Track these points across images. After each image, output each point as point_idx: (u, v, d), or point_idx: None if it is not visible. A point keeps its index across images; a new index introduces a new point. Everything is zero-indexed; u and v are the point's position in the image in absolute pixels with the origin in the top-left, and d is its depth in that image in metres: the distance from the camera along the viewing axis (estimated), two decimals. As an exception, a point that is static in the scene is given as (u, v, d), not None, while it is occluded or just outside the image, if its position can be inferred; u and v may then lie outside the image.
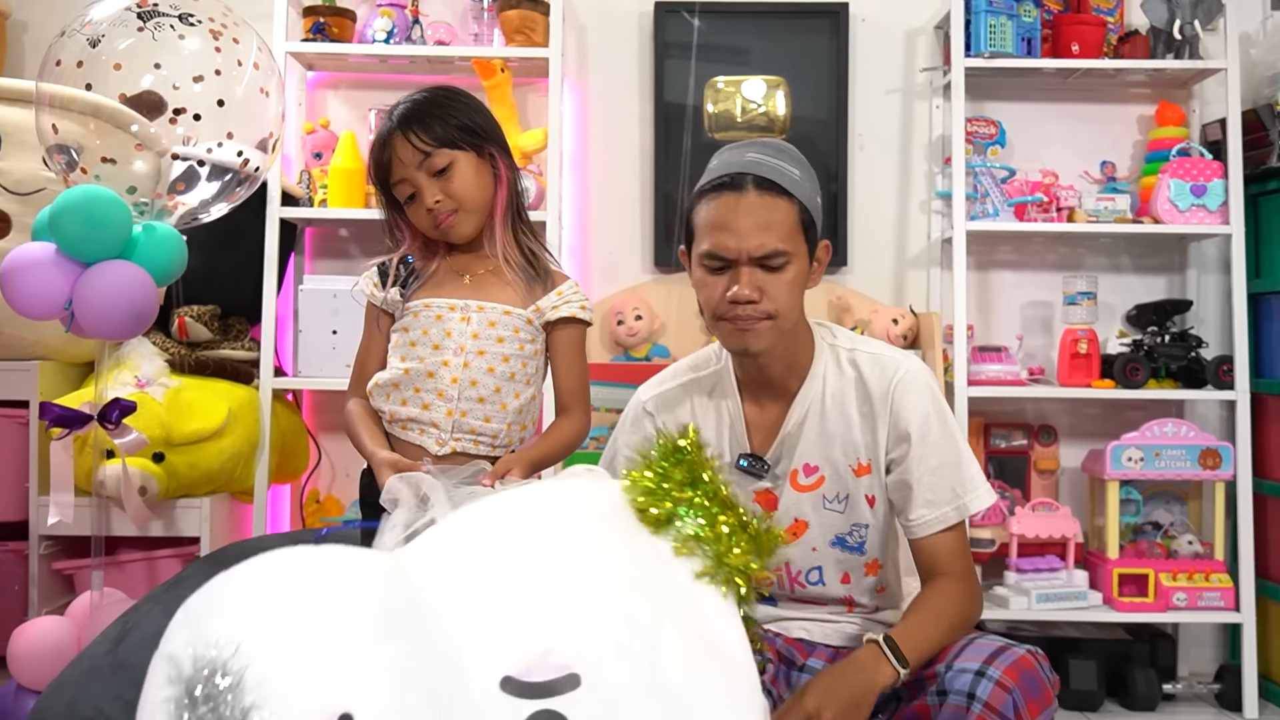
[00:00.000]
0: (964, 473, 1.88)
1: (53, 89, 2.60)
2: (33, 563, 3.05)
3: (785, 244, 1.82)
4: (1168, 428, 3.29)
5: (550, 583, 1.26)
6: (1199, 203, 3.35)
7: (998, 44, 3.39)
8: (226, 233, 3.11)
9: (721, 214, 1.82)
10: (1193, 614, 3.27)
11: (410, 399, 1.93)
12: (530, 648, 1.22)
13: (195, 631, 1.17)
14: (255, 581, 1.22)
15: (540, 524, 1.34)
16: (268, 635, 1.16)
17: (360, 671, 1.15)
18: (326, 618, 1.18)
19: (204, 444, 3.01)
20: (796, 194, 1.84)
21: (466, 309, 1.95)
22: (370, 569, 1.25)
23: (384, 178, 1.97)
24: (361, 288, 2.05)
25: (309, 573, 1.23)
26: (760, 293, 1.82)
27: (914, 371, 1.92)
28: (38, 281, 2.48)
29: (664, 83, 3.60)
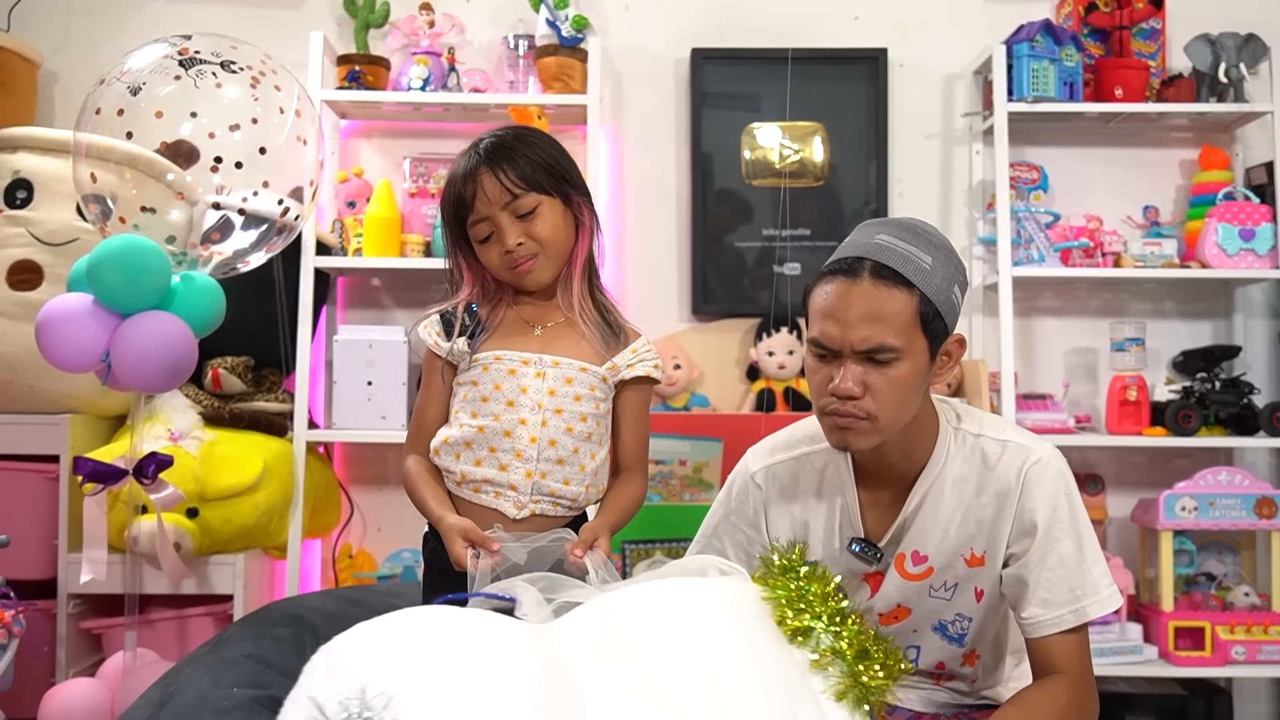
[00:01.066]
0: (1087, 575, 1.74)
1: (90, 138, 2.57)
2: (61, 622, 2.99)
3: (895, 339, 1.67)
4: (1221, 476, 3.21)
5: (700, 681, 1.27)
6: (1248, 247, 3.30)
7: (1040, 88, 3.34)
8: (259, 282, 3.07)
9: (831, 302, 1.70)
10: (1252, 668, 3.18)
11: (485, 459, 1.84)
12: None
13: (342, 677, 1.19)
14: (406, 634, 1.25)
15: (691, 621, 1.34)
16: (419, 691, 1.17)
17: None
18: (480, 680, 1.19)
19: (238, 499, 2.95)
20: (919, 283, 1.68)
21: (541, 364, 1.86)
22: (523, 637, 1.27)
23: (462, 214, 1.88)
24: (423, 336, 1.94)
25: (461, 633, 1.25)
26: (864, 388, 1.68)
27: (1046, 460, 1.77)
28: (75, 333, 2.45)
29: (701, 129, 3.56)
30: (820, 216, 3.55)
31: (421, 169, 3.45)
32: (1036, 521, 1.73)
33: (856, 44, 3.59)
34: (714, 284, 3.56)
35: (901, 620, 1.85)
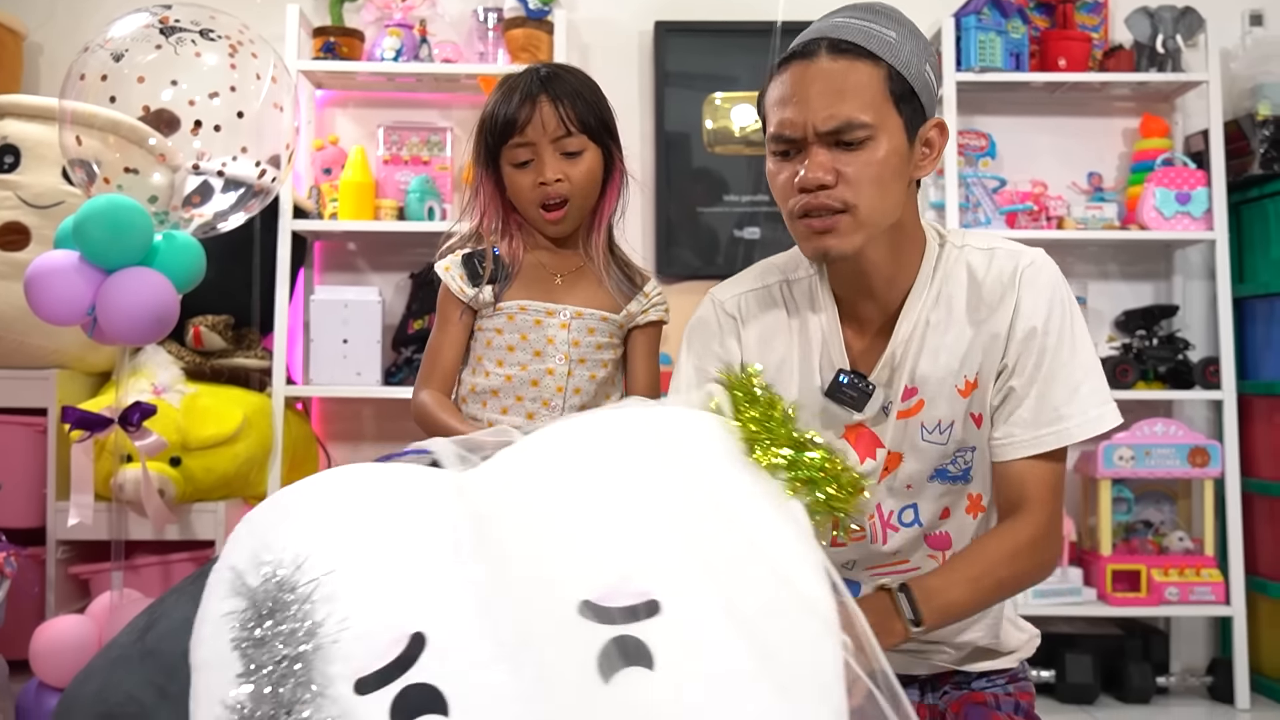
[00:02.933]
0: (1077, 390, 1.51)
1: (75, 105, 2.66)
2: (50, 567, 3.08)
3: (864, 113, 1.45)
4: (1157, 427, 3.36)
5: (635, 508, 1.19)
6: (1183, 210, 3.43)
7: (987, 59, 3.47)
8: (239, 245, 3.17)
9: (788, 87, 1.48)
10: (1184, 608, 3.33)
11: (512, 407, 1.84)
12: (610, 572, 1.15)
13: (261, 543, 1.13)
14: (324, 495, 1.19)
15: (631, 447, 1.24)
16: (338, 550, 1.13)
17: (435, 591, 1.12)
18: (401, 535, 1.15)
19: (219, 449, 3.05)
20: (884, 55, 1.47)
21: (565, 314, 1.84)
22: (443, 486, 1.20)
23: (507, 134, 1.81)
24: (445, 279, 1.87)
25: (381, 488, 1.19)
26: (835, 175, 1.46)
27: (1039, 263, 1.57)
28: (62, 288, 2.53)
29: (665, 99, 3.67)
30: (778, 183, 3.67)
31: (395, 137, 3.56)
32: (1034, 325, 1.52)
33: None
34: (677, 248, 3.68)
35: (893, 470, 1.62)
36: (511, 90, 1.83)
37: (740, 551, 1.18)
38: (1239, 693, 3.30)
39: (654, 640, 1.11)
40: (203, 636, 1.15)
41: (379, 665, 1.08)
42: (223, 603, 1.12)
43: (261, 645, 1.08)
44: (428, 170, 3.53)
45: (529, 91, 1.81)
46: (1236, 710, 3.28)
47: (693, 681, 1.10)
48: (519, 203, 1.86)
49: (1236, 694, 3.30)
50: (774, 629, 1.14)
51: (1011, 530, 1.51)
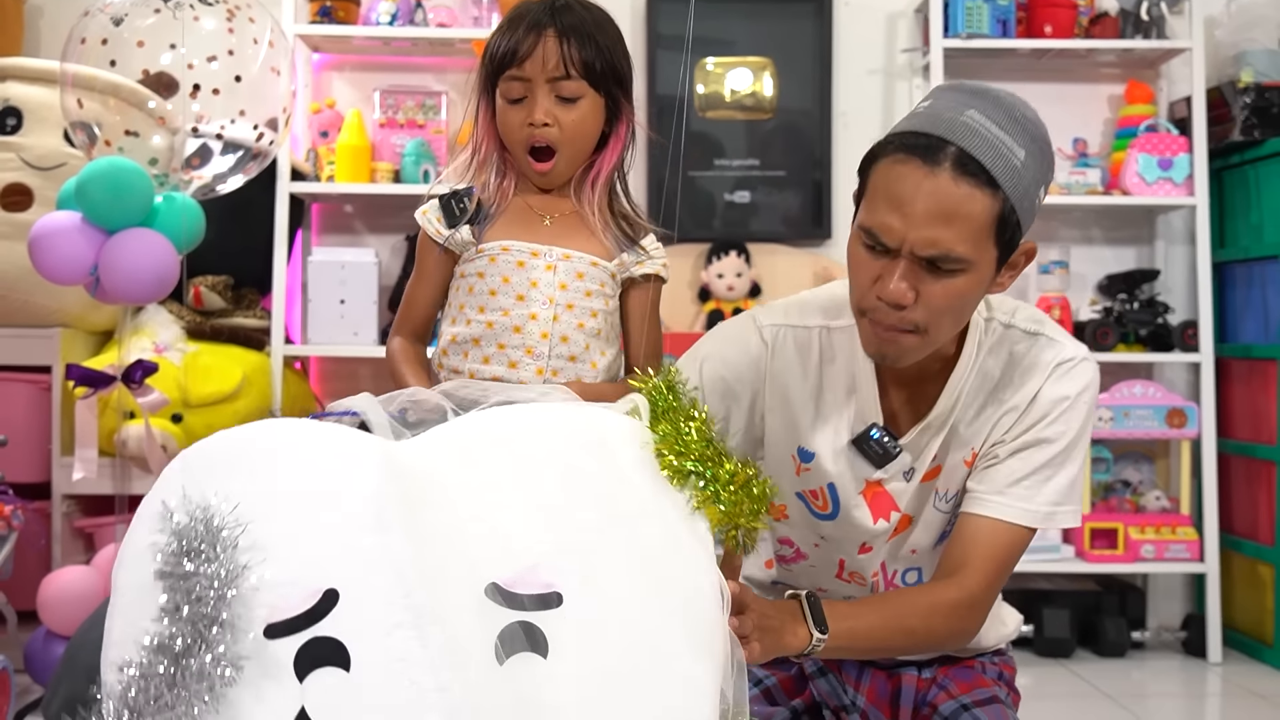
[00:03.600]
0: (1058, 485, 1.50)
1: (76, 68, 2.71)
2: (55, 521, 3.14)
3: (964, 248, 1.37)
4: (1136, 389, 3.43)
5: (551, 503, 1.24)
6: (1165, 176, 3.49)
7: (974, 25, 3.51)
8: (238, 208, 3.22)
9: (901, 187, 1.39)
10: (1160, 565, 3.41)
11: (494, 356, 1.69)
12: (520, 560, 1.20)
13: (193, 482, 1.16)
14: (258, 445, 1.22)
15: (554, 443, 1.28)
16: (266, 501, 1.17)
17: (353, 553, 1.16)
18: (327, 492, 1.18)
19: (219, 406, 3.11)
20: (1005, 184, 1.37)
21: (551, 255, 1.69)
22: (373, 453, 1.23)
23: (506, 63, 1.66)
24: (421, 223, 1.74)
25: (312, 445, 1.22)
26: (915, 296, 1.40)
27: (1078, 361, 1.53)
28: (65, 248, 2.58)
29: (657, 65, 3.71)
30: (768, 148, 3.73)
31: (391, 100, 3.61)
32: (1045, 413, 1.50)
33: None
34: (669, 211, 3.72)
35: (902, 533, 1.61)
36: (520, 17, 1.67)
37: (640, 559, 1.23)
38: (1211, 647, 3.39)
39: (551, 631, 1.17)
40: (125, 560, 1.16)
41: (290, 615, 1.13)
42: (151, 534, 1.14)
43: (184, 580, 1.12)
44: (423, 134, 3.57)
45: (536, 21, 1.65)
46: (1209, 664, 3.36)
47: (580, 675, 1.16)
48: (507, 141, 1.71)
49: (1209, 648, 3.39)
50: (663, 634, 1.19)
51: (939, 588, 1.50)
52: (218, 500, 1.15)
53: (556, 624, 1.18)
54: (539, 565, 1.20)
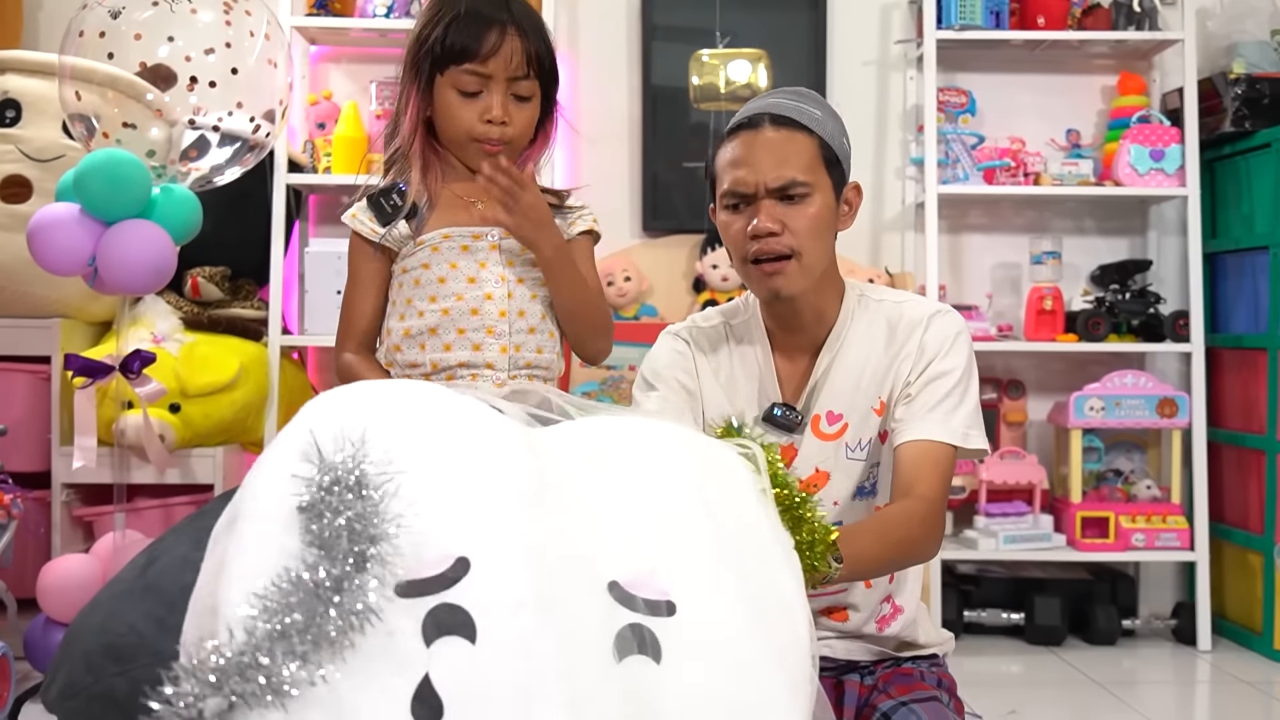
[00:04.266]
0: (966, 412, 1.72)
1: (75, 61, 2.73)
2: (55, 510, 3.17)
3: (804, 175, 1.71)
4: (1127, 379, 3.45)
5: (673, 515, 1.26)
6: (1157, 167, 3.51)
7: (968, 17, 3.53)
8: (236, 199, 3.23)
9: (739, 152, 1.72)
10: (1150, 554, 3.44)
11: (455, 342, 1.68)
12: (641, 563, 1.21)
13: (346, 422, 1.14)
14: (417, 401, 1.23)
15: (681, 462, 1.32)
16: (415, 454, 1.15)
17: (492, 525, 1.16)
18: (472, 461, 1.19)
19: (217, 395, 3.14)
20: (815, 128, 1.73)
21: (493, 234, 1.71)
22: (517, 433, 1.26)
23: (463, 57, 1.66)
24: (352, 226, 1.74)
25: (463, 413, 1.23)
26: (781, 225, 1.70)
27: (949, 312, 1.81)
28: (63, 239, 2.60)
29: (652, 56, 3.73)
30: (763, 138, 3.74)
31: (387, 92, 3.63)
32: (935, 352, 1.73)
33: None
34: (663, 201, 3.75)
35: (821, 488, 1.79)
36: (474, 11, 1.67)
37: (748, 592, 1.25)
38: (1201, 635, 3.41)
39: (666, 637, 1.17)
40: (257, 488, 1.14)
41: (423, 576, 1.10)
42: (293, 463, 1.12)
43: (326, 518, 1.10)
44: (420, 125, 3.59)
45: (495, 18, 1.66)
46: (1199, 652, 3.39)
47: (689, 688, 1.16)
48: (453, 130, 1.70)
49: (1199, 636, 3.41)
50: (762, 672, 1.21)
51: (906, 504, 1.67)
52: (372, 442, 1.13)
53: (669, 633, 1.18)
54: (657, 571, 1.20)
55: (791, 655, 1.23)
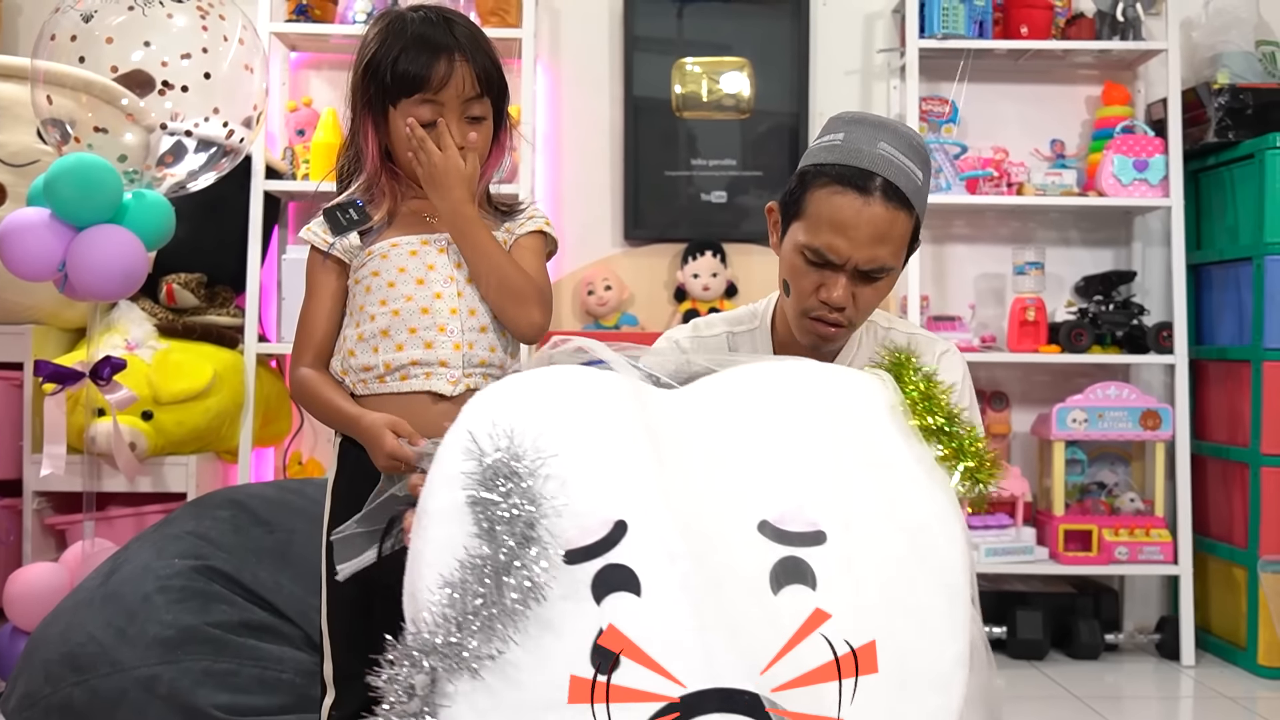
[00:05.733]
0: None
1: (48, 65, 2.72)
2: (26, 518, 3.14)
3: (894, 260, 1.73)
4: (1110, 390, 3.44)
5: (810, 449, 1.37)
6: (1141, 177, 3.50)
7: (951, 26, 3.52)
8: (213, 205, 3.23)
9: (843, 215, 1.69)
10: (1133, 567, 3.42)
11: (407, 341, 1.68)
12: (788, 500, 1.33)
13: (496, 419, 1.31)
14: (550, 387, 1.37)
15: (809, 396, 1.42)
16: (561, 435, 1.31)
17: (637, 486, 1.30)
18: (611, 432, 1.33)
19: (191, 403, 3.11)
20: (915, 204, 1.73)
21: (440, 240, 1.72)
22: (645, 399, 1.39)
23: (414, 88, 1.66)
24: (307, 238, 1.74)
25: (594, 389, 1.37)
26: (854, 301, 1.73)
27: (953, 351, 1.86)
28: (33, 244, 2.59)
29: (634, 64, 3.72)
30: (746, 148, 3.74)
31: (367, 99, 3.61)
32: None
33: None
34: (645, 211, 3.74)
35: None
36: (421, 40, 1.67)
37: (890, 503, 1.36)
38: (1185, 650, 3.39)
39: (818, 565, 1.30)
40: (435, 488, 1.30)
41: (587, 542, 1.28)
42: (455, 462, 1.29)
43: (493, 507, 1.26)
44: (400, 132, 3.57)
45: (442, 44, 1.67)
46: (1182, 667, 3.37)
47: (846, 608, 1.29)
48: (407, 158, 1.70)
49: (1183, 651, 3.39)
50: (915, 574, 1.33)
51: None
52: (521, 433, 1.29)
53: (822, 560, 1.30)
54: (804, 505, 1.33)
55: (948, 573, 1.33)
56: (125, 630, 2.15)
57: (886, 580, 1.31)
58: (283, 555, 2.26)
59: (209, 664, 2.10)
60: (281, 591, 2.23)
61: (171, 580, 2.21)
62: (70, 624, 2.23)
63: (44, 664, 2.19)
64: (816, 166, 1.74)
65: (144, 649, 2.12)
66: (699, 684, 1.24)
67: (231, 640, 2.15)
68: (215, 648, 2.13)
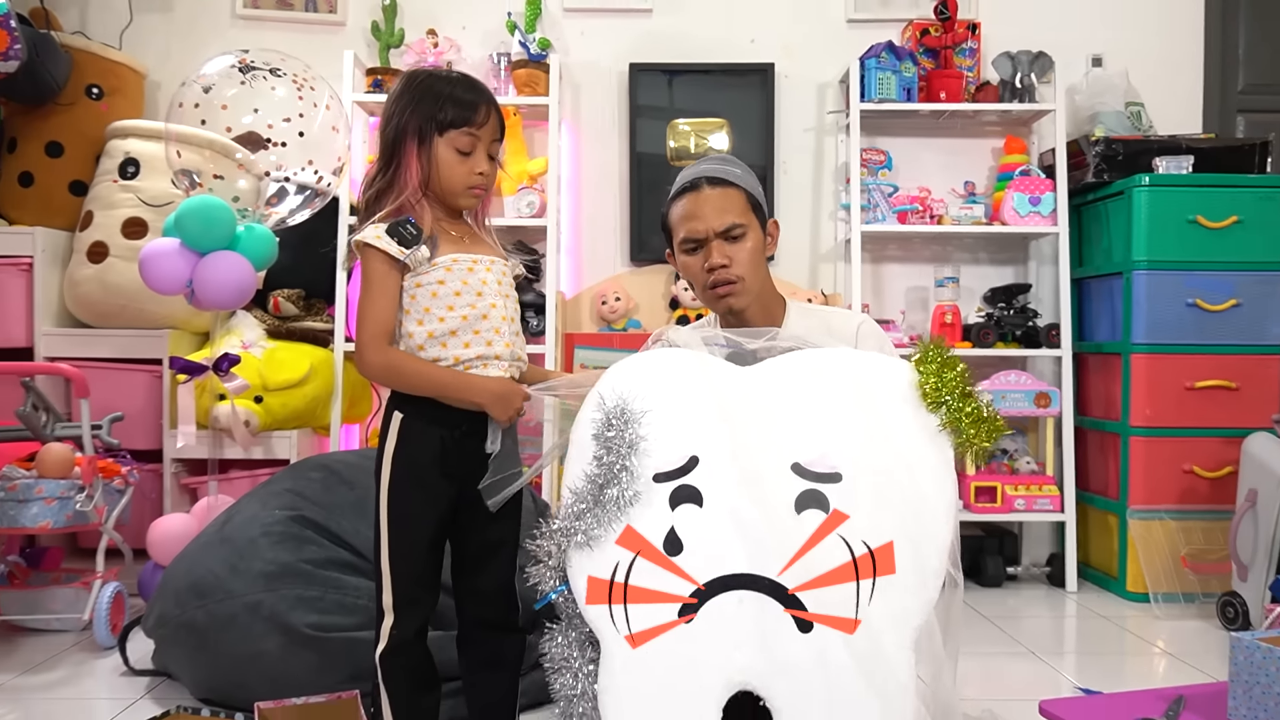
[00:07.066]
0: None
1: (178, 128, 2.74)
2: (165, 479, 3.18)
3: (740, 218, 1.82)
4: (1011, 377, 3.41)
5: (836, 412, 1.49)
6: (1035, 210, 3.47)
7: (885, 92, 3.50)
8: (308, 236, 3.24)
9: (688, 208, 1.83)
10: (1029, 515, 3.39)
11: (473, 340, 1.66)
12: (815, 449, 1.46)
13: (612, 383, 1.50)
14: (651, 364, 1.53)
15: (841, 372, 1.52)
16: (655, 396, 1.49)
17: (707, 433, 1.48)
18: (691, 394, 1.50)
19: (292, 390, 3.13)
20: (739, 183, 1.84)
21: (486, 261, 1.72)
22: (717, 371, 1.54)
23: (462, 121, 1.67)
24: (380, 246, 1.65)
25: (679, 367, 1.53)
26: (729, 259, 1.80)
27: (868, 320, 1.91)
28: (166, 267, 2.63)
29: (636, 123, 3.71)
30: (725, 188, 3.71)
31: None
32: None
33: (752, 60, 3.72)
34: (646, 238, 3.73)
35: None
36: (469, 85, 1.70)
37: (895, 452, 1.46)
38: (1069, 579, 3.37)
39: (834, 497, 1.45)
40: (578, 427, 1.51)
41: (669, 469, 1.47)
42: (590, 413, 1.50)
43: (606, 440, 1.47)
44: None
45: (486, 94, 1.71)
46: (1067, 593, 3.35)
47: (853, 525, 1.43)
48: (450, 179, 1.69)
49: (1068, 580, 3.37)
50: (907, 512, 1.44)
51: None
52: (629, 395, 1.49)
53: (836, 493, 1.44)
54: (827, 453, 1.46)
55: (939, 504, 1.43)
56: (236, 566, 2.16)
57: (884, 507, 1.42)
58: (360, 508, 2.26)
59: (301, 592, 2.10)
60: (358, 535, 2.23)
61: (273, 527, 2.22)
62: (195, 561, 2.23)
63: (174, 592, 2.20)
64: (666, 203, 1.90)
65: (251, 580, 2.12)
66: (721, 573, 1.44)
67: (318, 573, 2.15)
68: (306, 579, 2.13)
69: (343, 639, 2.06)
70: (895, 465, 1.44)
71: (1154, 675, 2.54)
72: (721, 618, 1.43)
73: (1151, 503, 3.21)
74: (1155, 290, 3.21)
